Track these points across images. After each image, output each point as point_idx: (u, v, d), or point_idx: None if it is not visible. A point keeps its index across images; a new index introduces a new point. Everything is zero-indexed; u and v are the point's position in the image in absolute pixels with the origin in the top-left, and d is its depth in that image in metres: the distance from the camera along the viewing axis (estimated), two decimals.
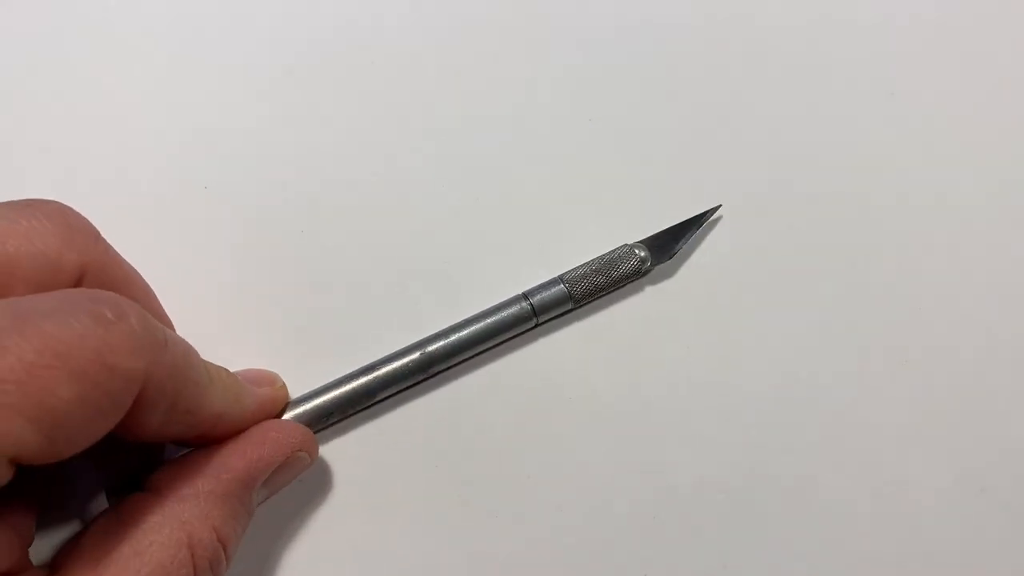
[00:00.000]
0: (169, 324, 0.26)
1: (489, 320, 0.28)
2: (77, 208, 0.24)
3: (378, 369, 0.27)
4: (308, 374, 0.29)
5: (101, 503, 0.26)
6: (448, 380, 0.29)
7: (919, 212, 0.33)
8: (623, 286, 0.31)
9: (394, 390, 0.28)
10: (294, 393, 0.27)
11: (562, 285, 0.29)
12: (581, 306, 0.30)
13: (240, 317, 0.30)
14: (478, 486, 0.28)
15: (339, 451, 0.28)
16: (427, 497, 0.28)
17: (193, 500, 0.22)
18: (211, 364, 0.24)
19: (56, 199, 0.30)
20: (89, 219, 0.24)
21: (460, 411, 0.29)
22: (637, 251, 0.30)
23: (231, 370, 0.28)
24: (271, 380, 0.27)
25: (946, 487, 0.30)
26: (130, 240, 0.30)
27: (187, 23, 0.35)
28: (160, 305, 0.26)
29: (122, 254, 0.25)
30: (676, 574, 0.28)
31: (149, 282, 0.26)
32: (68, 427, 0.18)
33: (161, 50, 0.34)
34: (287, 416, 0.27)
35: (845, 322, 0.31)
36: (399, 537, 0.28)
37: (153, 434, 0.21)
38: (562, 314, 0.30)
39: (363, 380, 0.27)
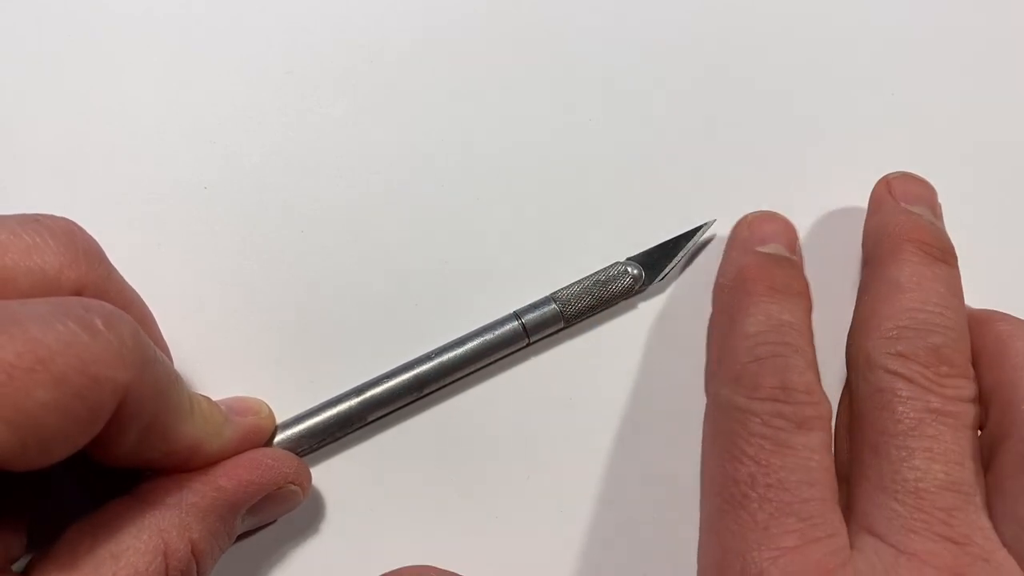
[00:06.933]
0: (166, 350, 0.26)
1: (481, 340, 0.29)
2: (75, 207, 0.24)
3: (368, 391, 0.28)
4: (309, 375, 0.30)
5: None
6: (440, 399, 0.30)
7: None
8: (615, 304, 0.31)
9: (385, 411, 0.28)
10: (288, 407, 0.28)
11: (554, 305, 0.29)
12: (573, 324, 0.30)
13: (239, 317, 0.31)
14: (471, 503, 0.29)
15: (331, 470, 0.29)
16: (422, 511, 0.28)
17: (175, 509, 0.22)
18: (195, 393, 0.24)
19: (55, 197, 0.31)
20: (90, 217, 0.24)
21: (453, 429, 0.29)
22: (630, 269, 0.30)
23: (225, 381, 0.29)
24: (256, 409, 0.26)
25: None
26: (129, 240, 0.31)
27: (187, 23, 0.34)
28: (159, 331, 0.26)
29: (121, 254, 0.25)
30: (675, 572, 0.28)
31: (147, 281, 0.26)
32: (43, 433, 0.18)
33: (160, 49, 0.34)
34: (276, 439, 0.27)
35: (840, 331, 0.31)
36: (394, 552, 0.28)
37: (125, 456, 0.21)
38: (554, 333, 0.30)
39: (353, 402, 0.28)
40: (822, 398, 0.26)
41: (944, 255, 0.28)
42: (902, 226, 0.29)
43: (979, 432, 0.26)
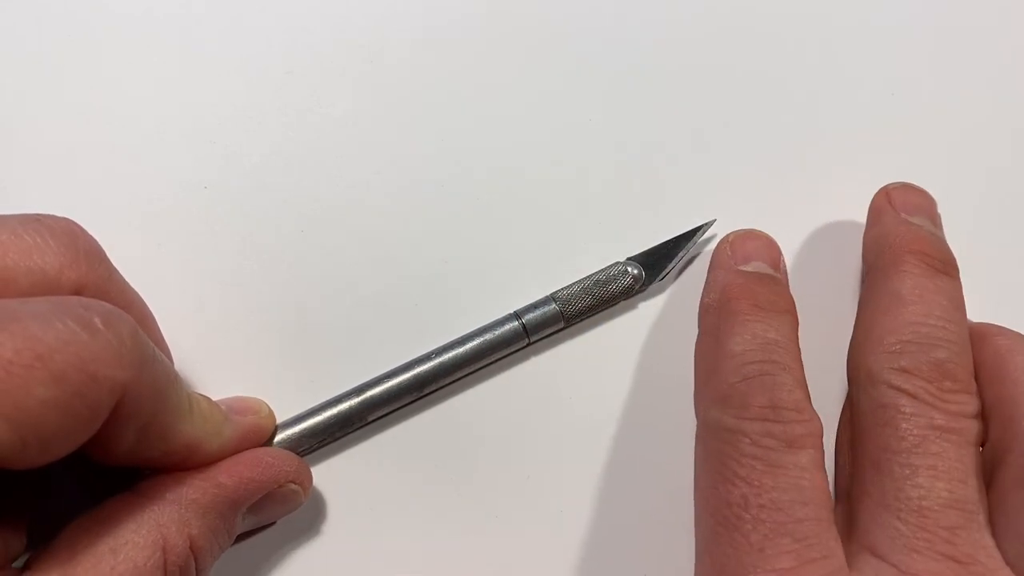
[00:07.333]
0: (166, 350, 0.26)
1: (481, 340, 0.29)
2: (75, 207, 0.24)
3: (368, 391, 0.28)
4: (309, 375, 0.30)
5: None
6: (440, 399, 0.30)
7: None
8: (615, 304, 0.31)
9: (385, 411, 0.28)
10: (288, 407, 0.28)
11: (554, 304, 0.29)
12: (573, 324, 0.30)
13: (239, 318, 0.31)
14: (471, 503, 0.29)
15: (331, 470, 0.29)
16: (422, 511, 0.28)
17: (174, 505, 0.22)
18: (194, 393, 0.24)
19: (55, 197, 0.31)
20: (90, 217, 0.24)
21: (453, 429, 0.29)
22: (630, 269, 0.30)
23: (225, 381, 0.29)
24: (255, 409, 0.26)
25: None
26: (129, 240, 0.31)
27: (187, 23, 0.35)
28: (159, 331, 0.26)
29: (121, 254, 0.25)
30: (675, 572, 0.28)
31: (147, 281, 0.26)
32: (42, 430, 0.18)
33: (160, 49, 0.34)
34: (276, 439, 0.27)
35: (838, 345, 0.31)
36: (394, 552, 0.28)
37: (124, 455, 0.21)
38: (554, 332, 0.30)
39: (353, 402, 0.28)
40: (812, 415, 0.26)
41: (946, 267, 0.28)
42: (903, 237, 0.28)
43: (980, 448, 0.26)
